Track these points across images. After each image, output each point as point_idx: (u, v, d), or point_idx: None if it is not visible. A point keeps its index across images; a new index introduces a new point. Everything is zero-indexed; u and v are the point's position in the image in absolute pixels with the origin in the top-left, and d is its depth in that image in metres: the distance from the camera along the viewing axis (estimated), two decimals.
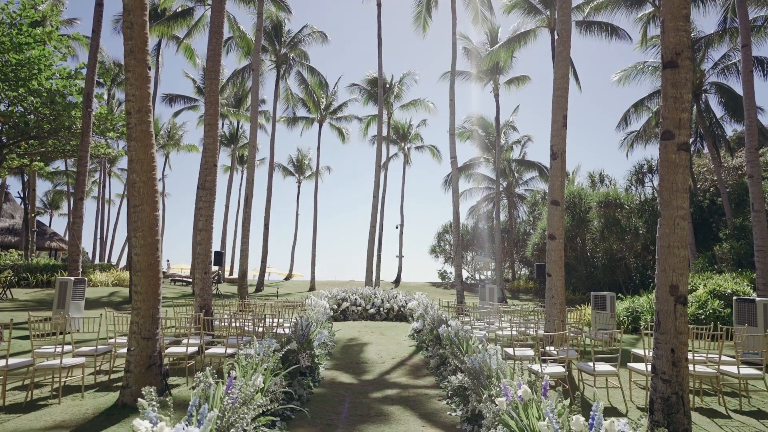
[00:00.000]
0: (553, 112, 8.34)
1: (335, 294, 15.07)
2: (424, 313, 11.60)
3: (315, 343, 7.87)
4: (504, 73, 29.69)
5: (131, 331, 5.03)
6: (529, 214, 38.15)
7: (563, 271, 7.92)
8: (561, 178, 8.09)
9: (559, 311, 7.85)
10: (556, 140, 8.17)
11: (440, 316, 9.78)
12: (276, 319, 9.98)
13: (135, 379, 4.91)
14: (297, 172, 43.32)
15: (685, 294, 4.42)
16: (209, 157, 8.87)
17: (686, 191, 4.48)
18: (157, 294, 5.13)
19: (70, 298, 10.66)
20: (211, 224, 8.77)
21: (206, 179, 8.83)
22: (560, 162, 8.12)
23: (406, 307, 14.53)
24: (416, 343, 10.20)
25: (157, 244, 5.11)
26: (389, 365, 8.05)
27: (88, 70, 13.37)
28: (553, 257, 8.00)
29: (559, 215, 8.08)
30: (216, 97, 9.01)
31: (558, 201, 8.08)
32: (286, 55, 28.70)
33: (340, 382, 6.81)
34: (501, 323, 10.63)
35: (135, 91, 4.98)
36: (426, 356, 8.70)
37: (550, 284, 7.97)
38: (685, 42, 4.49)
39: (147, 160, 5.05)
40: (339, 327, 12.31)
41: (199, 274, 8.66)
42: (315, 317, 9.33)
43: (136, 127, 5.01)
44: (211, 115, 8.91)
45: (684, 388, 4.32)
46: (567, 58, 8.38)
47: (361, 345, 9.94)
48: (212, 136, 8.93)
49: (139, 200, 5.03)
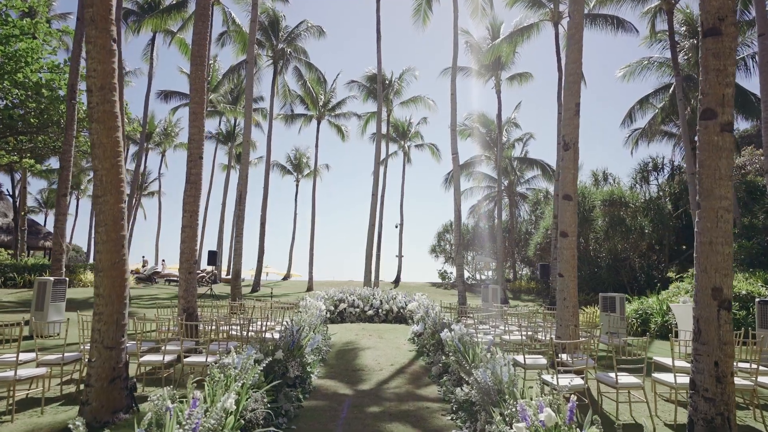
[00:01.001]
0: (565, 100, 7.72)
1: (332, 295, 14.46)
2: (425, 315, 10.99)
3: (307, 350, 7.26)
4: (506, 69, 29.05)
5: (92, 340, 4.41)
6: (531, 213, 37.53)
7: (576, 271, 7.31)
8: (573, 171, 7.48)
9: (571, 315, 7.23)
10: (567, 129, 7.56)
11: (442, 319, 9.17)
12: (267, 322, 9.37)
13: (96, 394, 4.28)
14: (295, 170, 42.68)
15: (730, 298, 3.80)
16: (194, 149, 8.25)
17: (730, 179, 3.86)
18: (123, 297, 4.50)
19: (50, 300, 10.04)
20: (196, 220, 8.15)
21: (191, 172, 8.20)
22: (573, 153, 7.50)
23: (406, 309, 13.91)
24: (416, 347, 9.59)
25: (122, 240, 4.49)
26: (388, 373, 7.43)
27: (72, 60, 12.74)
28: (565, 256, 7.38)
29: (572, 211, 7.46)
30: (202, 84, 8.39)
31: (570, 195, 7.46)
32: (283, 50, 28.06)
33: (333, 393, 6.19)
34: (507, 326, 10.02)
35: (97, 66, 4.36)
36: (427, 363, 8.09)
37: (562, 285, 7.35)
38: (730, 5, 3.87)
39: (111, 145, 4.42)
40: (335, 330, 11.70)
41: (183, 274, 8.03)
42: (308, 320, 8.71)
43: (98, 107, 4.38)
44: (196, 103, 8.29)
45: (730, 408, 3.70)
46: (580, 41, 7.76)
47: (358, 350, 9.33)
48: (197, 125, 8.31)
49: (101, 190, 4.41)
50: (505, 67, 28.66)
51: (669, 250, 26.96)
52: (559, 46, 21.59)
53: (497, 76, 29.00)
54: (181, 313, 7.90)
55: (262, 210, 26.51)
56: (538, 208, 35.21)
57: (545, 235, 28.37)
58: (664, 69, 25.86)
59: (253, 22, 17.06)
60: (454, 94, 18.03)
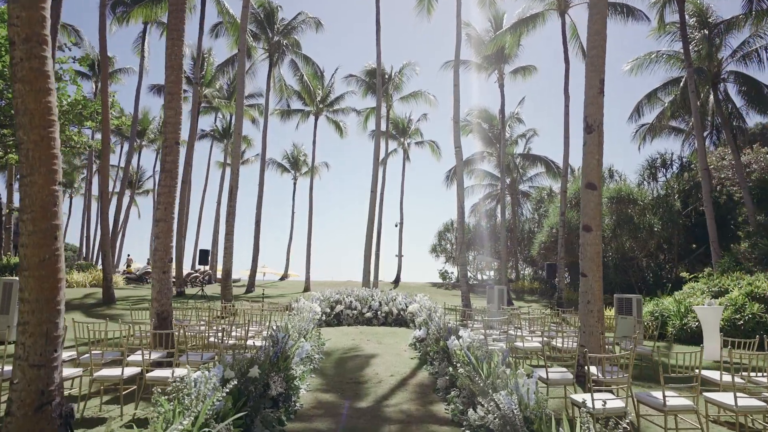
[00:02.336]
0: (588, 77, 6.82)
1: (328, 296, 13.56)
2: (428, 319, 10.09)
3: (295, 360, 6.37)
4: (509, 63, 28.17)
5: (15, 356, 3.50)
6: (534, 212, 36.64)
7: (601, 270, 6.41)
8: (598, 156, 6.58)
9: (597, 320, 6.33)
10: (591, 110, 6.66)
11: (447, 324, 8.28)
12: (252, 327, 8.48)
13: (18, 426, 3.38)
14: (293, 168, 41.77)
15: None
16: (170, 133, 7.34)
17: None
18: (55, 303, 3.59)
19: (16, 303, 9.14)
20: (171, 213, 7.25)
21: (166, 159, 7.30)
22: (597, 136, 6.60)
23: (407, 311, 13.02)
24: (419, 354, 8.71)
25: (54, 232, 3.58)
26: (388, 386, 6.54)
27: None
28: (588, 253, 6.48)
29: (596, 201, 6.57)
30: (179, 61, 7.49)
31: (595, 184, 6.56)
32: (279, 42, 27.16)
33: (325, 413, 5.29)
34: (518, 331, 9.13)
35: (20, 12, 3.47)
36: (431, 373, 7.20)
37: (585, 286, 6.46)
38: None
39: (40, 112, 3.53)
40: (331, 334, 10.81)
41: (156, 274, 7.12)
42: (299, 325, 7.81)
43: (23, 63, 3.48)
44: (172, 83, 7.38)
45: None
46: (603, 9, 6.87)
47: (355, 357, 8.44)
48: (174, 107, 7.40)
49: (27, 168, 3.51)
50: (509, 60, 27.79)
51: (678, 249, 26.08)
52: (566, 36, 20.71)
53: (500, 70, 28.10)
54: (154, 318, 7.00)
55: (257, 208, 25.62)
56: (542, 207, 34.30)
57: (550, 234, 27.47)
58: (673, 62, 24.98)
59: (245, 8, 16.18)
60: (457, 85, 17.14)
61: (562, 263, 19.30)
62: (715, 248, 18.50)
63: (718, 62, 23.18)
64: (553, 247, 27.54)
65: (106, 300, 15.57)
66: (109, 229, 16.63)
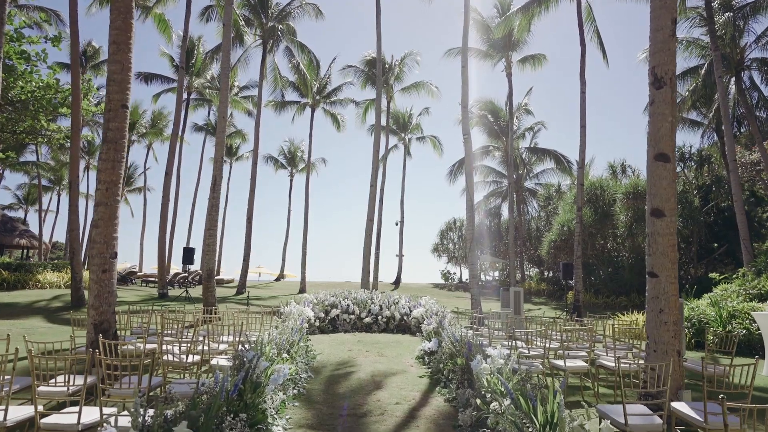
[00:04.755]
0: (653, 19, 5.22)
1: (322, 299, 11.96)
2: (438, 327, 8.51)
3: (269, 388, 4.75)
4: (518, 50, 26.63)
5: None
6: (541, 210, 35.04)
7: (677, 269, 4.82)
8: (671, 118, 4.97)
9: (673, 335, 4.73)
10: (660, 57, 5.06)
11: (465, 336, 6.70)
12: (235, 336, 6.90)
13: None
14: (289, 164, 40.18)
15: None
16: (115, 93, 5.72)
17: None
18: None
19: None
20: (115, 195, 5.63)
21: (109, 126, 5.69)
22: (669, 92, 5.00)
23: (411, 316, 11.44)
24: (429, 371, 7.13)
25: None
26: (394, 421, 4.94)
27: None
28: (660, 246, 4.87)
29: (670, 178, 4.96)
30: (129, 3, 5.89)
31: (668, 155, 4.95)
32: (273, 28, 25.55)
33: None
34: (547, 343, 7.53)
35: None
36: (448, 400, 5.61)
37: (656, 290, 4.85)
38: None
39: None
40: (324, 344, 9.20)
41: (94, 274, 5.49)
42: (278, 338, 6.19)
43: None
44: (118, 29, 5.76)
45: None
46: None
47: (352, 374, 6.84)
48: (120, 61, 5.79)
49: None
50: (517, 48, 26.24)
51: (698, 248, 24.49)
52: (581, 17, 19.13)
53: (508, 58, 26.56)
54: (91, 330, 5.39)
55: (249, 203, 24.03)
56: (551, 203, 32.67)
57: (561, 232, 25.84)
58: (692, 49, 23.44)
59: None
60: (465, 67, 15.56)
61: (579, 263, 17.69)
62: (747, 246, 16.93)
63: (741, 49, 21.64)
64: (564, 247, 25.89)
65: (75, 302, 13.96)
66: (78, 223, 15.04)
